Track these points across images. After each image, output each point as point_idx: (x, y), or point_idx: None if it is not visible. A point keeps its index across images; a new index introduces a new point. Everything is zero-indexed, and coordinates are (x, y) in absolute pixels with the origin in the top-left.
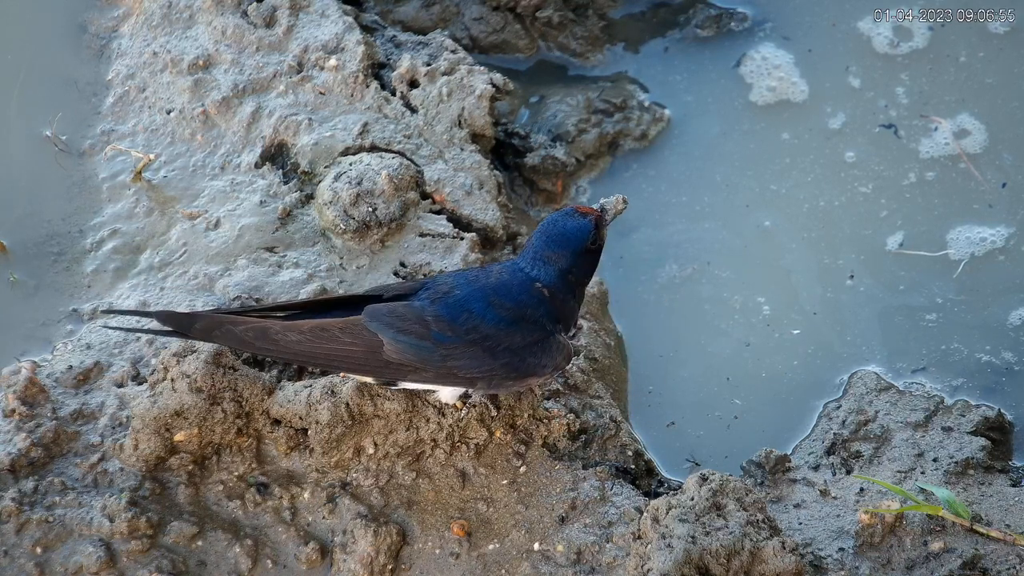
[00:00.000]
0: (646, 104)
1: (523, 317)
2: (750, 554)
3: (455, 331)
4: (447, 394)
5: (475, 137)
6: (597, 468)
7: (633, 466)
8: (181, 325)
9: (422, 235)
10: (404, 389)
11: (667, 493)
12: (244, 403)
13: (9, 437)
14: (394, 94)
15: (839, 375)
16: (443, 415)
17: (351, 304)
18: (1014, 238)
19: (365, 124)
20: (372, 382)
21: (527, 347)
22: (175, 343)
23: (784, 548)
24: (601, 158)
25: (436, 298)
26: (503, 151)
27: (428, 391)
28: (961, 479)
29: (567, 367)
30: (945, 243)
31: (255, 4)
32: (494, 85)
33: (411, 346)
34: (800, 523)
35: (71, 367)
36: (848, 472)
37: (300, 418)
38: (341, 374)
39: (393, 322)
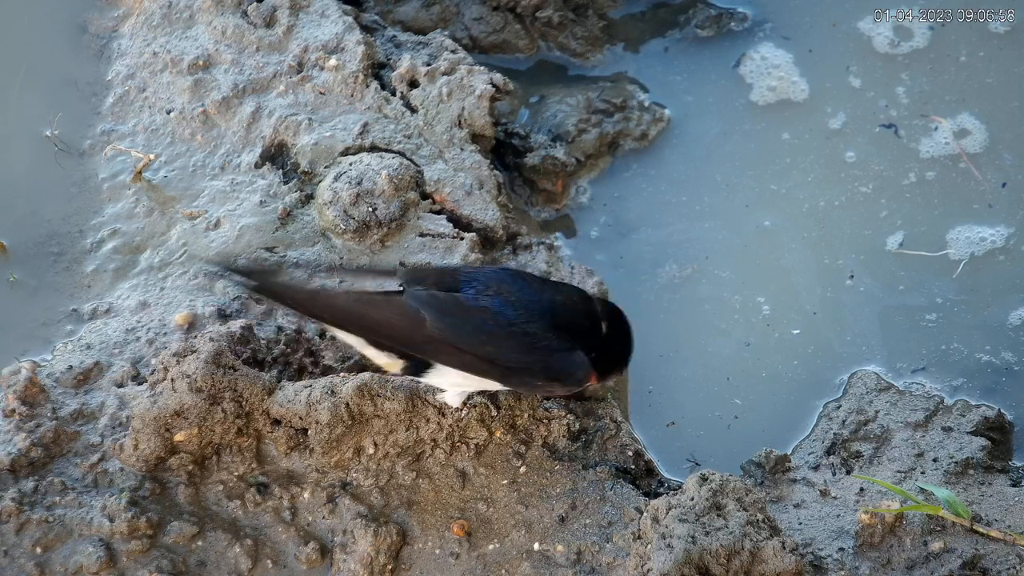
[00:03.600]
0: (646, 104)
1: (570, 333)
2: (750, 554)
3: (498, 323)
4: (452, 396)
5: (475, 137)
6: (597, 468)
7: (633, 466)
8: (240, 272)
9: (422, 235)
10: (412, 383)
11: (667, 493)
12: (244, 403)
13: (9, 437)
14: (394, 94)
15: (839, 375)
16: (443, 415)
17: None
18: (1014, 238)
19: (365, 124)
20: (397, 371)
21: (560, 352)
22: (175, 343)
23: (784, 548)
24: (601, 158)
25: (484, 293)
26: (503, 151)
27: (430, 392)
28: (961, 479)
29: (583, 386)
30: (945, 243)
31: (255, 4)
32: (494, 85)
33: (453, 326)
34: (800, 523)
35: (71, 367)
36: (848, 472)
37: (300, 418)
38: (341, 374)
39: (435, 304)
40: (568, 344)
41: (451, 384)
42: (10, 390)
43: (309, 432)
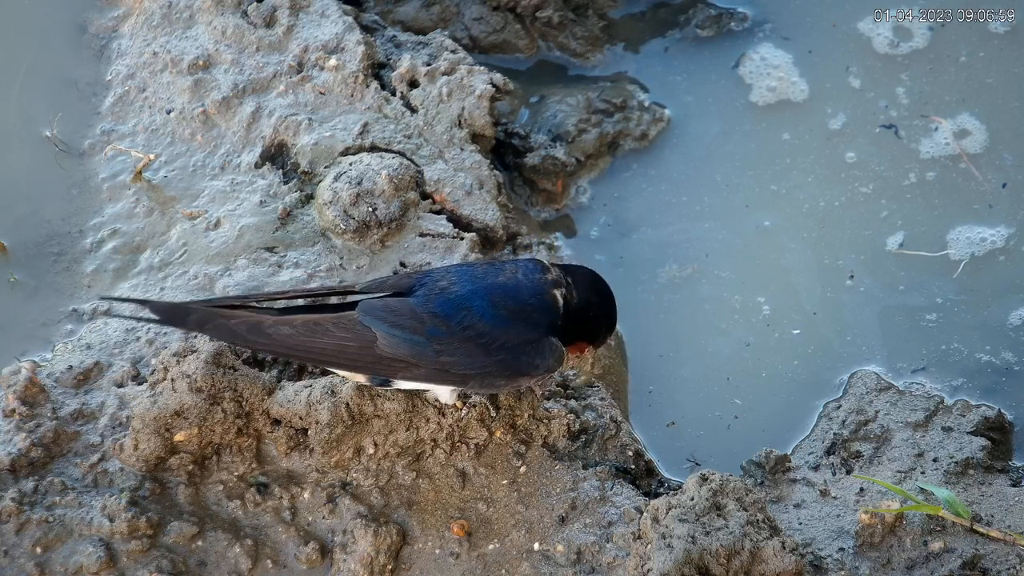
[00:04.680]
0: (646, 104)
1: (523, 318)
2: (750, 554)
3: (450, 328)
4: (444, 393)
5: (475, 137)
6: (597, 468)
7: (633, 466)
8: (175, 317)
9: (422, 235)
10: (399, 389)
11: (667, 493)
12: (244, 403)
13: (9, 437)
14: (394, 94)
15: (839, 375)
16: (443, 415)
17: (346, 301)
18: (1014, 238)
19: (365, 124)
20: (365, 382)
21: (521, 346)
22: (175, 343)
23: (784, 548)
24: (601, 158)
25: (432, 295)
26: (503, 151)
27: (426, 389)
28: (961, 479)
29: (559, 369)
30: (945, 243)
31: (255, 4)
32: (494, 85)
33: (405, 340)
34: (800, 523)
35: (71, 367)
36: (848, 472)
37: (300, 418)
38: (341, 374)
39: (387, 316)
40: (525, 334)
41: (422, 387)
42: (10, 390)
43: (309, 432)
